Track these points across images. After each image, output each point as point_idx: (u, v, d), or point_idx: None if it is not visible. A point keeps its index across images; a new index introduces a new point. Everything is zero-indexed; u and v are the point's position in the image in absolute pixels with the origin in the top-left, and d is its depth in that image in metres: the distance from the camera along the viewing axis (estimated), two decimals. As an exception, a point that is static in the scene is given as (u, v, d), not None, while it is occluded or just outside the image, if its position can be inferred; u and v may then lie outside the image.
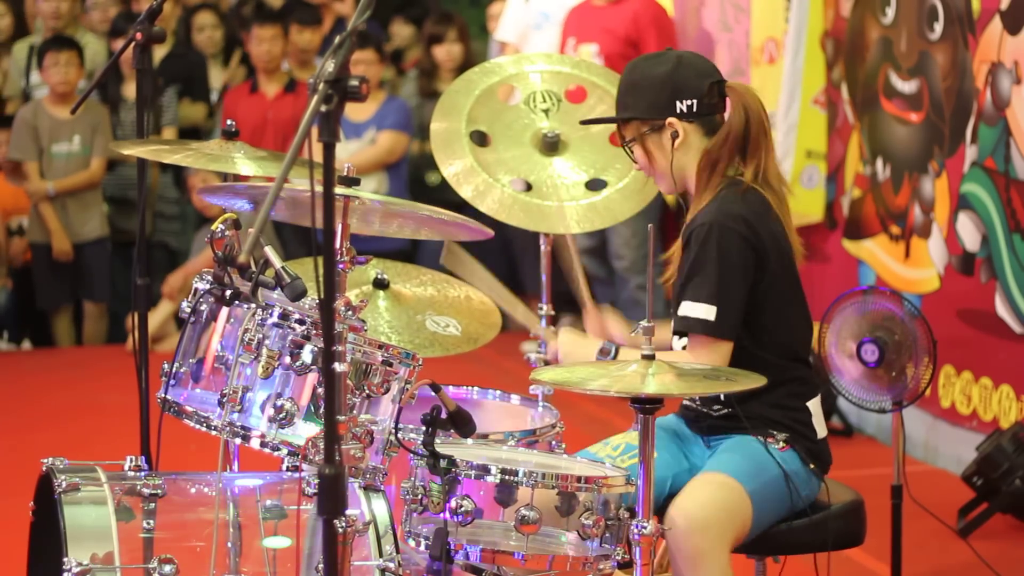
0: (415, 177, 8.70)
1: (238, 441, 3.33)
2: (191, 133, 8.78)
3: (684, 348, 3.52)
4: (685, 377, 3.20)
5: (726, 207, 3.48)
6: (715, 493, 3.40)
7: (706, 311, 3.43)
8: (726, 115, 3.60)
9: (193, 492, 3.46)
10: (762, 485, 3.45)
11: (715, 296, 3.43)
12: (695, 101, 3.55)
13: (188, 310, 3.42)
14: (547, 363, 4.04)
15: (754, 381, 3.21)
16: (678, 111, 3.55)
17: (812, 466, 3.53)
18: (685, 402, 3.68)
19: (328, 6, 9.46)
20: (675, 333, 3.55)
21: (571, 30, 7.69)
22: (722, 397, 3.55)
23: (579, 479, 3.17)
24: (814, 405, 3.58)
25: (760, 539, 3.50)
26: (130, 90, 8.63)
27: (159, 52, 8.82)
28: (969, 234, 5.82)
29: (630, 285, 7.80)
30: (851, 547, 3.64)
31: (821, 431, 3.59)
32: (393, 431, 3.30)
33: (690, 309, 3.46)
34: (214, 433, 3.31)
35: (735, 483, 3.42)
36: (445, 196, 4.83)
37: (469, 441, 3.47)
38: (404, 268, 4.13)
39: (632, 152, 3.63)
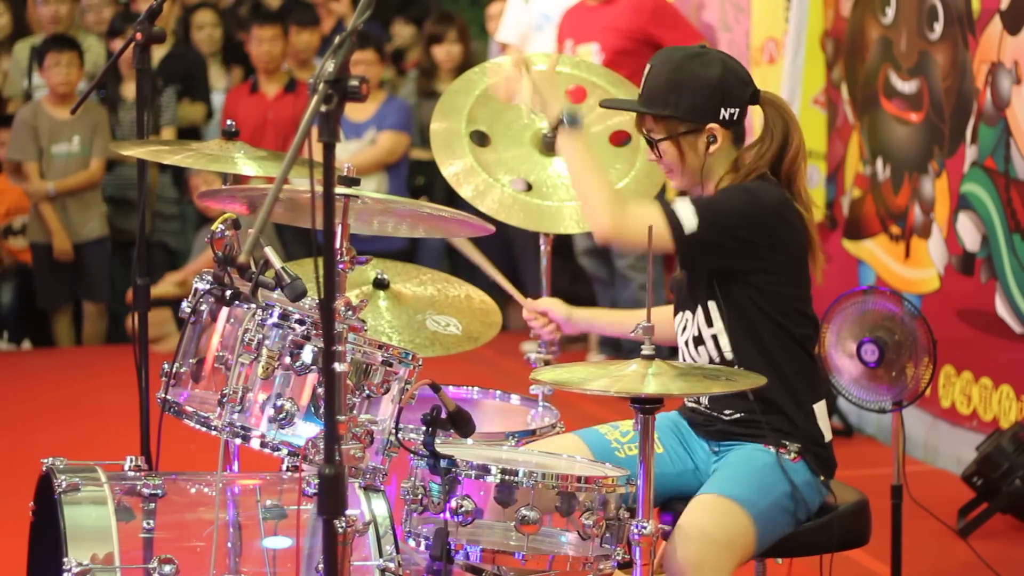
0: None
1: (238, 441, 3.33)
2: (191, 133, 8.78)
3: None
4: (685, 377, 3.20)
5: (762, 187, 3.48)
6: (715, 522, 3.34)
7: (690, 219, 3.40)
8: (749, 124, 3.58)
9: (193, 492, 3.46)
10: (768, 505, 3.40)
11: (706, 218, 3.39)
12: (737, 110, 3.51)
13: (188, 310, 3.41)
14: (547, 363, 4.04)
15: (753, 381, 3.20)
16: (721, 118, 3.50)
17: (822, 477, 3.51)
18: (689, 404, 3.65)
19: (325, 6, 9.46)
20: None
21: (567, 32, 7.68)
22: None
23: (579, 479, 3.17)
24: (821, 407, 3.57)
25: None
26: (128, 90, 8.64)
27: (158, 52, 8.82)
28: (969, 234, 5.82)
29: (632, 285, 7.79)
30: (856, 547, 3.64)
31: (828, 434, 3.57)
32: (393, 431, 3.30)
33: (682, 205, 3.41)
34: (214, 433, 3.31)
35: (737, 508, 3.36)
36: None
37: (469, 441, 3.47)
38: (404, 268, 4.13)
39: (657, 147, 3.56)
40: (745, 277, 3.49)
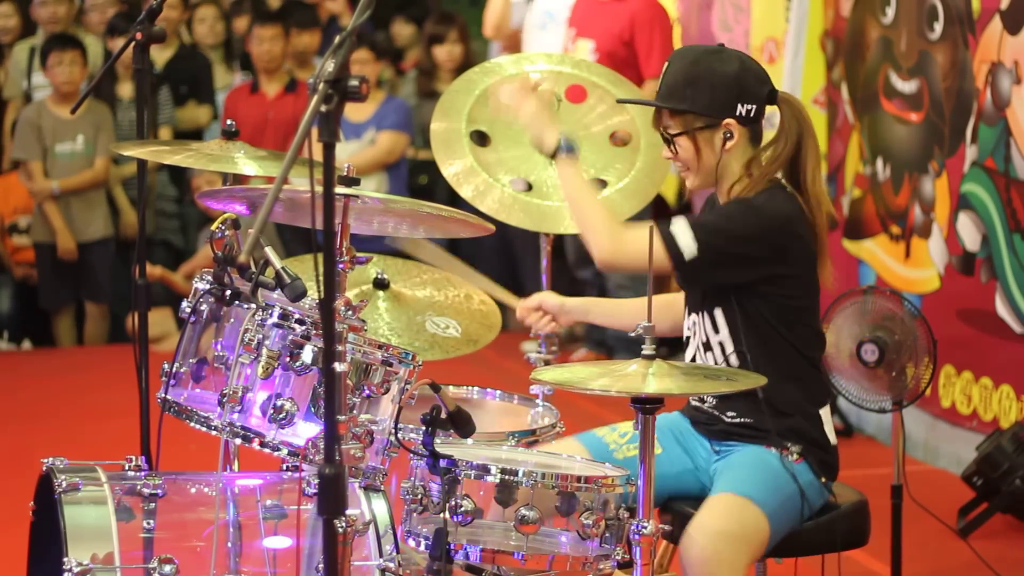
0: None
1: (238, 441, 3.33)
2: (196, 136, 8.78)
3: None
4: (686, 377, 3.20)
5: (769, 202, 3.47)
6: (733, 518, 3.37)
7: (689, 245, 3.41)
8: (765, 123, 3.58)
9: (193, 492, 3.46)
10: (780, 504, 3.42)
11: (706, 243, 3.40)
12: (754, 107, 3.51)
13: (188, 310, 3.41)
14: (547, 363, 4.04)
15: (754, 381, 3.21)
16: (738, 113, 3.50)
17: (823, 480, 3.52)
18: (694, 402, 3.65)
19: (321, 5, 9.47)
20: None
21: (574, 21, 7.64)
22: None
23: (579, 479, 3.17)
24: (826, 412, 3.57)
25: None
26: (123, 90, 8.64)
27: (165, 54, 8.83)
28: (969, 234, 5.82)
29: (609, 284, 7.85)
30: (856, 547, 3.65)
31: (833, 438, 3.58)
32: (393, 431, 3.30)
33: (680, 230, 3.42)
34: (214, 433, 3.31)
35: (753, 506, 3.39)
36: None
37: (469, 441, 3.47)
38: (404, 268, 4.13)
39: (674, 143, 3.55)
40: (751, 288, 3.49)
